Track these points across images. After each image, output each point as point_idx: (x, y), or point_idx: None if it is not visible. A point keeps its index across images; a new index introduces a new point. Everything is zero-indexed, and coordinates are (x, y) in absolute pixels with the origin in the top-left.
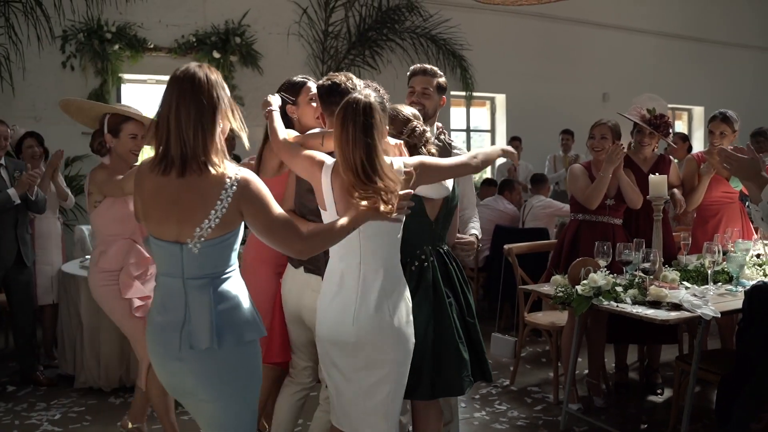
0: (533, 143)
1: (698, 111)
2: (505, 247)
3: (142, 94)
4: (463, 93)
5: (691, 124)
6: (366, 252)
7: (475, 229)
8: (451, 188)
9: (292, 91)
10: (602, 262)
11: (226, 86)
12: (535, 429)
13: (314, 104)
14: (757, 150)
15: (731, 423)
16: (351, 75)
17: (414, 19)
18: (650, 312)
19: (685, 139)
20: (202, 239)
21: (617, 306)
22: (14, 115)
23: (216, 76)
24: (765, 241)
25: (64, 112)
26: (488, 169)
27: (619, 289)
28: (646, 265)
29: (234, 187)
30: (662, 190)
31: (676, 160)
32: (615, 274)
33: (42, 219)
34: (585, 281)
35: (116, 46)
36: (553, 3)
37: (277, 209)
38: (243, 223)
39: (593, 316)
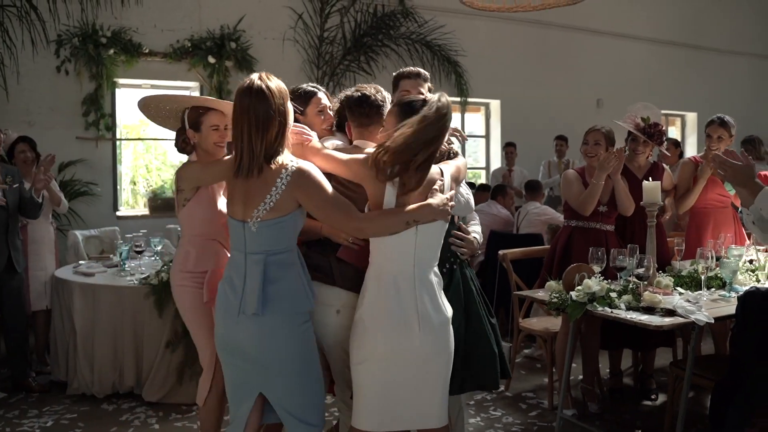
0: (528, 149)
1: (691, 117)
2: (500, 252)
3: (137, 99)
4: (458, 99)
5: (685, 130)
6: (419, 256)
7: (476, 232)
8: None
9: (300, 100)
10: (597, 268)
11: (285, 89)
12: None
13: (322, 116)
14: None
15: (725, 428)
16: (380, 87)
17: (409, 25)
18: (644, 318)
19: (677, 145)
20: (259, 219)
21: (611, 312)
22: (8, 120)
23: (276, 83)
24: (758, 247)
25: (144, 114)
26: (482, 174)
27: (613, 295)
28: (640, 270)
29: (288, 177)
30: (656, 197)
31: (668, 167)
32: (609, 280)
33: (35, 224)
34: (579, 287)
35: (111, 51)
36: (547, 10)
37: (331, 192)
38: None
39: (587, 322)
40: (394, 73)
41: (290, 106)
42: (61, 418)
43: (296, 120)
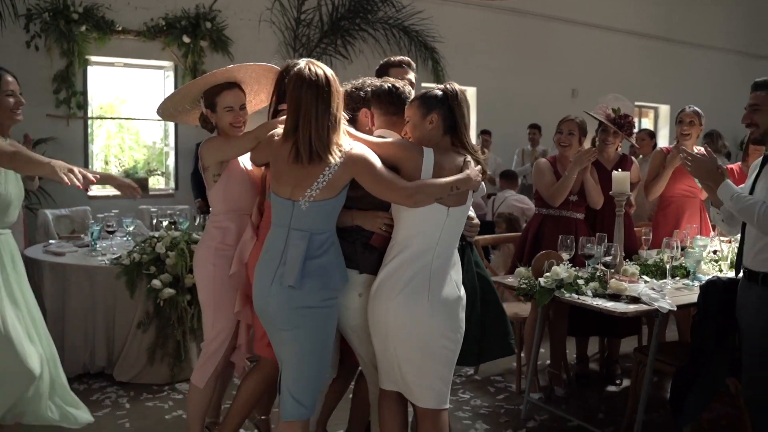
0: (502, 137)
1: (664, 109)
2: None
3: (110, 77)
4: (434, 85)
5: (658, 121)
6: (444, 237)
7: (474, 216)
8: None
9: None
10: (565, 256)
11: (334, 75)
12: (497, 417)
13: None
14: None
15: (683, 412)
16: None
17: (387, 9)
18: (609, 304)
19: (651, 135)
20: (312, 199)
21: (578, 298)
22: None
23: (325, 70)
24: (722, 238)
25: (168, 119)
26: None
27: (580, 281)
28: (608, 258)
29: (341, 159)
30: (625, 187)
31: (641, 156)
32: (577, 268)
33: None
34: (548, 274)
35: (83, 27)
36: None
37: (381, 167)
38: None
39: (555, 308)
40: (381, 61)
41: (341, 90)
42: None
43: None
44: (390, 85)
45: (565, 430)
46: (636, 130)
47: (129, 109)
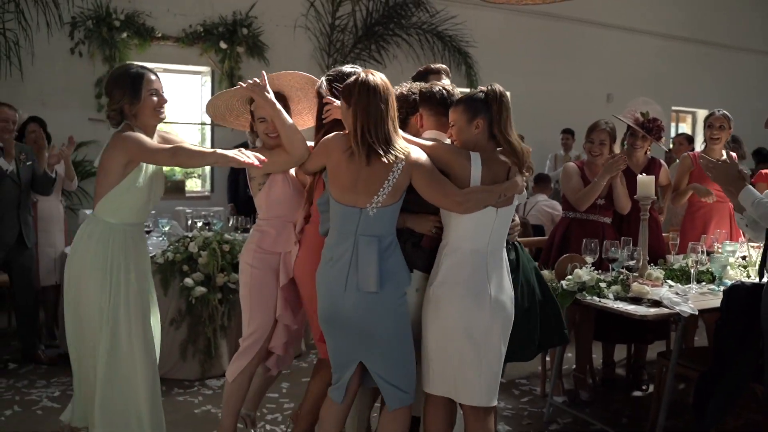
0: (536, 141)
1: (702, 114)
2: None
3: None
4: (468, 89)
5: (695, 126)
6: (498, 234)
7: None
8: None
9: (343, 81)
10: (589, 259)
11: (388, 82)
12: (520, 420)
13: None
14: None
15: (705, 418)
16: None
17: (420, 15)
18: (630, 308)
19: (690, 140)
20: (379, 205)
21: (600, 301)
22: (22, 100)
23: (381, 77)
24: (751, 244)
25: (218, 120)
26: None
27: (603, 285)
28: (632, 262)
29: (403, 162)
30: (650, 191)
31: (677, 161)
32: (601, 271)
33: (45, 201)
34: (570, 277)
35: (124, 34)
36: (558, 2)
37: (437, 172)
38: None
39: (581, 312)
40: (420, 68)
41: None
42: (68, 389)
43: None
44: (440, 87)
45: None
46: (670, 135)
47: (167, 113)
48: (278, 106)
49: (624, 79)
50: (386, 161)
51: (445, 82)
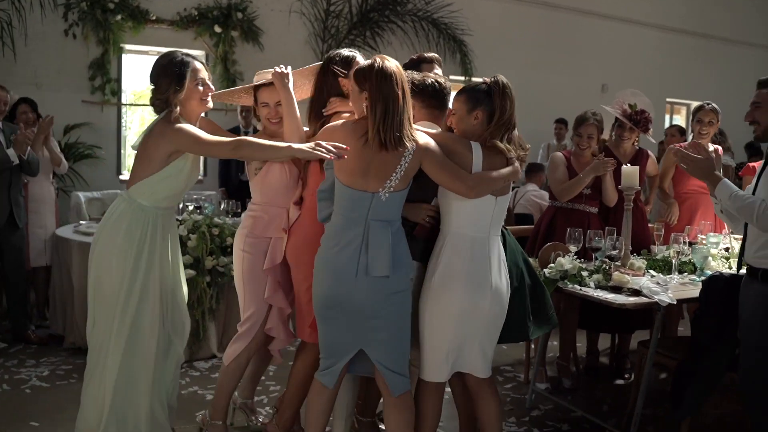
0: (530, 131)
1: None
2: None
3: (143, 65)
4: (463, 78)
5: (689, 119)
6: (496, 221)
7: None
8: None
9: (343, 64)
10: (573, 248)
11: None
12: (503, 405)
13: None
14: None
15: (682, 406)
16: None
17: (416, 2)
18: (610, 296)
19: (682, 132)
20: (392, 190)
21: (581, 289)
22: (15, 81)
23: (396, 64)
24: (734, 236)
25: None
26: None
27: (584, 273)
28: (614, 252)
29: (414, 148)
30: (634, 181)
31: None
32: (584, 260)
33: (35, 183)
34: (552, 265)
35: (118, 17)
36: None
37: (445, 157)
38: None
39: (566, 301)
40: (414, 56)
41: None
42: (57, 369)
43: (342, 83)
44: (433, 79)
45: (568, 420)
46: (665, 126)
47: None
48: (293, 97)
49: (619, 70)
50: (405, 144)
51: (437, 71)
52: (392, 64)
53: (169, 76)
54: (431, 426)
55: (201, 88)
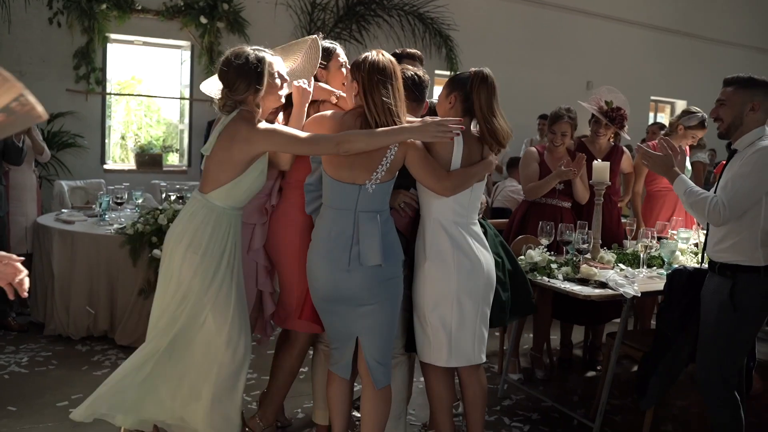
0: (514, 126)
1: (681, 105)
2: None
3: (129, 55)
4: (448, 72)
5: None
6: (473, 207)
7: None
8: None
9: (323, 56)
10: (544, 241)
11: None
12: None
13: (343, 70)
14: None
15: (647, 396)
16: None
17: None
18: (577, 288)
19: (663, 128)
20: (378, 181)
21: (549, 281)
22: None
23: (390, 58)
24: (703, 231)
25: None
26: None
27: (554, 266)
28: (585, 246)
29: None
30: (604, 176)
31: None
32: (554, 253)
33: (17, 171)
34: (522, 257)
35: (104, 6)
36: None
37: (427, 153)
38: None
39: (539, 293)
40: (397, 50)
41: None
42: (36, 356)
43: (319, 75)
44: (412, 73)
45: (538, 410)
46: (648, 124)
47: (146, 86)
48: (304, 115)
49: (604, 68)
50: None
51: (418, 68)
52: (386, 57)
53: (247, 77)
54: (443, 408)
55: (278, 81)
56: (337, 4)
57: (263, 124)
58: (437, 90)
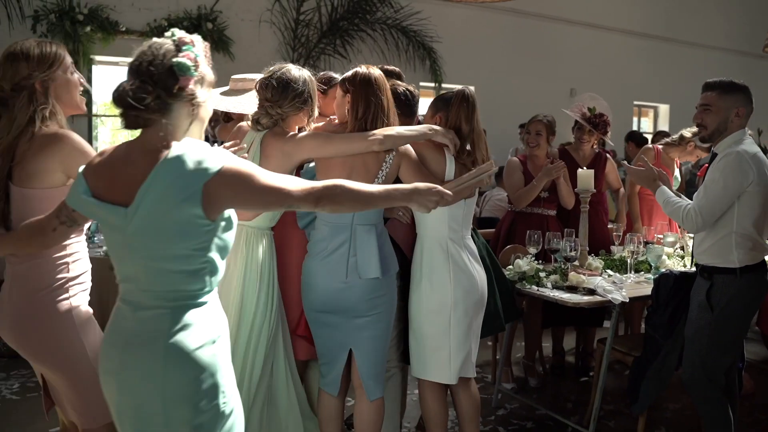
0: (500, 136)
1: (664, 109)
2: None
3: (114, 77)
4: (433, 84)
5: (657, 121)
6: (466, 223)
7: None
8: None
9: (324, 81)
10: (532, 250)
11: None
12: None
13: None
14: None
15: (639, 400)
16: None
17: (385, 10)
18: (566, 296)
19: (639, 143)
20: None
21: (538, 290)
22: None
23: (383, 74)
24: (689, 235)
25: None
26: None
27: (542, 274)
28: (572, 253)
29: (394, 153)
30: (589, 184)
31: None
32: (541, 261)
33: None
34: (510, 267)
35: (88, 28)
36: None
37: (421, 166)
38: None
39: (529, 302)
40: (386, 67)
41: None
42: (28, 382)
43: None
44: (404, 88)
45: (532, 418)
46: (632, 128)
47: None
48: None
49: (587, 75)
50: (381, 151)
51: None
52: (376, 71)
53: (298, 96)
54: (439, 423)
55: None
56: (320, 20)
57: (291, 135)
58: (423, 103)
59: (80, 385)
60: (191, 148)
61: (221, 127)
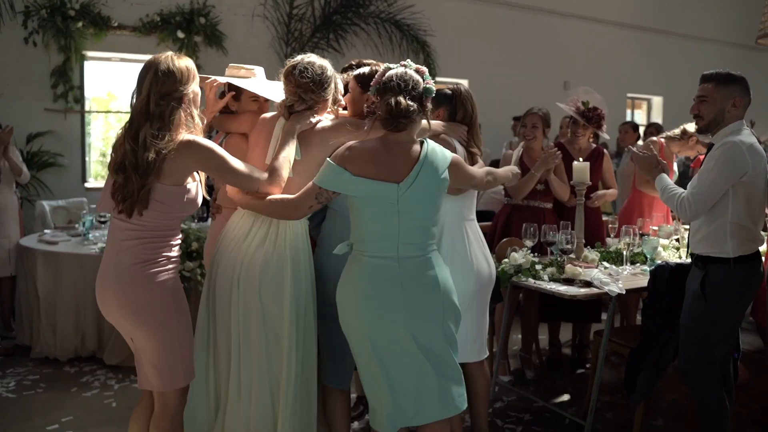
0: (494, 129)
1: (657, 101)
2: None
3: (106, 72)
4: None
5: (651, 113)
6: (473, 207)
7: None
8: None
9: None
10: (528, 243)
11: None
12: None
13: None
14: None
15: (635, 391)
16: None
17: (378, 4)
18: (562, 288)
19: (636, 128)
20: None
21: (535, 283)
22: None
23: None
24: (685, 226)
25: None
26: None
27: (538, 267)
28: (568, 246)
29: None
30: (584, 176)
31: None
32: (537, 254)
33: None
34: (506, 260)
35: (80, 24)
36: None
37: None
38: None
39: (526, 295)
40: (353, 62)
41: None
42: (24, 380)
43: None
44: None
45: (530, 411)
46: (625, 120)
47: (121, 103)
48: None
49: (581, 67)
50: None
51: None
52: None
53: (331, 83)
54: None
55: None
56: (313, 14)
57: (322, 125)
58: None
59: (166, 347)
60: (435, 144)
61: (218, 117)
